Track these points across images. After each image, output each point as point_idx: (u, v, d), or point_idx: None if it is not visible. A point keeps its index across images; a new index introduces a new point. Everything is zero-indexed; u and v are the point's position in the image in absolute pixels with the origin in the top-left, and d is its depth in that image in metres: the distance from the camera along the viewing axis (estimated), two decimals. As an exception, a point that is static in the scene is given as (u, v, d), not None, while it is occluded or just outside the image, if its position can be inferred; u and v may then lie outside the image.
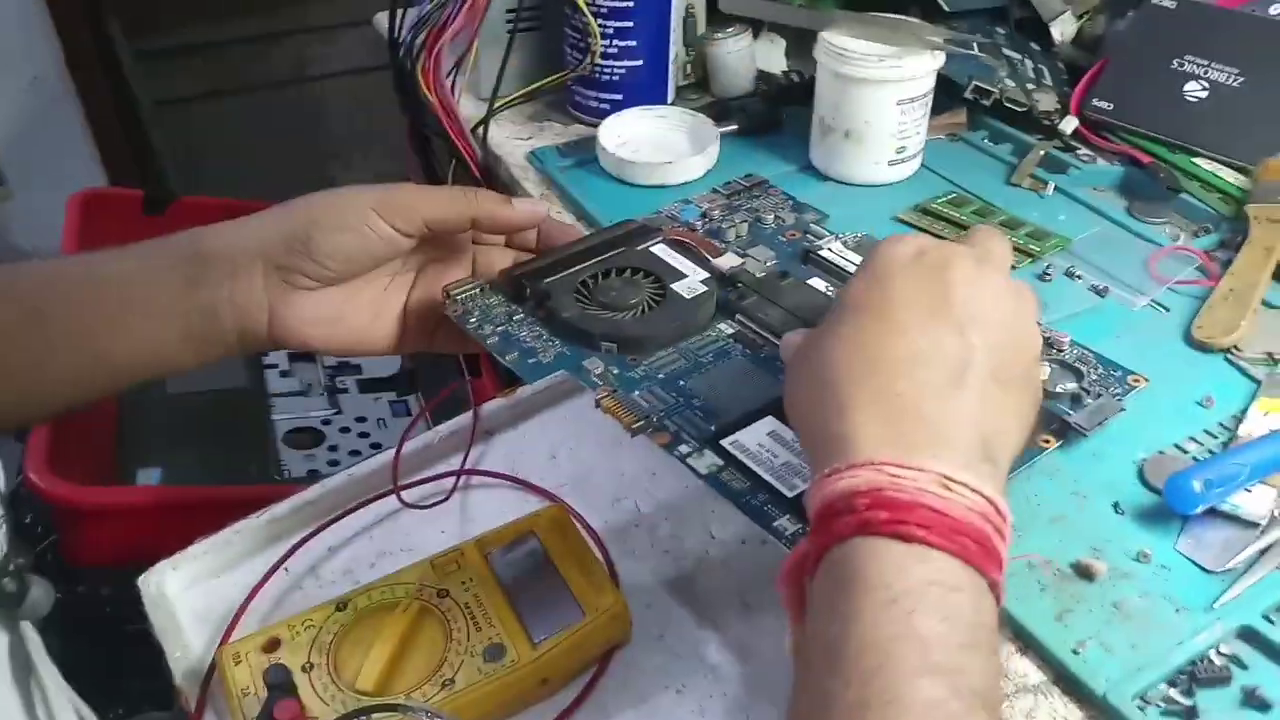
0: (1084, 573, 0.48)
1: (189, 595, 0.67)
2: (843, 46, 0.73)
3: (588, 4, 0.80)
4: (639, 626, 0.62)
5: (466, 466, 0.74)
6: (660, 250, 0.63)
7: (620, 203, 0.74)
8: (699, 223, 0.70)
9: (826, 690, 0.35)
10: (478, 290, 0.59)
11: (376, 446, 1.20)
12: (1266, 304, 0.65)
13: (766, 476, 0.48)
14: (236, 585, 0.67)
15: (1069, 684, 0.44)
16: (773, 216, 0.70)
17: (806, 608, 0.39)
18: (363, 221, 0.52)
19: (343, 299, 0.55)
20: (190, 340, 0.52)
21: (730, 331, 0.58)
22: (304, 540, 0.69)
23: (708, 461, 0.49)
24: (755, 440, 0.50)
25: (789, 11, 0.84)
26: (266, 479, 1.13)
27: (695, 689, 0.59)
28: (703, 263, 0.63)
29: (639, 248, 0.63)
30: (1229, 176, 0.76)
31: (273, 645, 0.58)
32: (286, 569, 0.68)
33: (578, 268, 0.60)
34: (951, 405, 0.40)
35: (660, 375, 0.55)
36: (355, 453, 1.20)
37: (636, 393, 0.53)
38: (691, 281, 0.60)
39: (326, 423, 1.22)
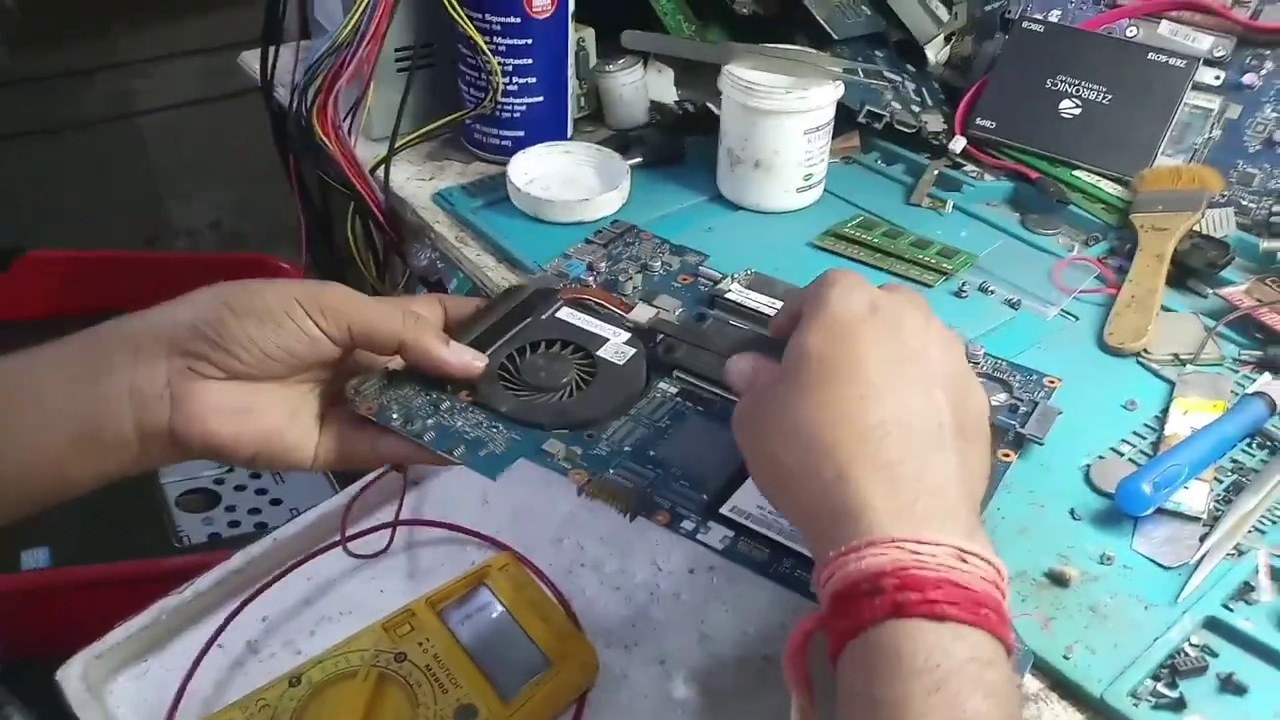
0: (1058, 580, 0.50)
1: (117, 685, 0.63)
2: (749, 79, 0.75)
3: (487, 43, 0.79)
4: (601, 668, 0.61)
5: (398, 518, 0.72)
6: (566, 315, 0.60)
7: (539, 241, 0.73)
8: (589, 277, 0.66)
9: None
10: (385, 381, 0.54)
11: (277, 503, 1.14)
12: (1165, 308, 0.69)
13: (783, 540, 0.47)
14: (168, 669, 0.63)
15: (1065, 689, 0.46)
16: (659, 263, 0.67)
17: (814, 685, 0.39)
18: (283, 312, 0.48)
19: (252, 390, 0.50)
20: (85, 444, 0.47)
21: (675, 390, 0.56)
22: (235, 613, 0.66)
23: (718, 535, 0.47)
24: (753, 502, 0.48)
25: (692, 46, 0.85)
26: (164, 549, 1.06)
27: (666, 728, 0.59)
28: (615, 320, 0.60)
29: (544, 316, 0.60)
30: (1108, 187, 0.81)
31: (227, 731, 0.56)
32: (221, 645, 0.65)
33: (491, 350, 0.56)
34: (941, 469, 0.40)
35: (626, 448, 0.52)
36: (255, 510, 1.14)
37: (611, 471, 0.50)
38: (615, 344, 0.58)
39: (219, 482, 1.15)
